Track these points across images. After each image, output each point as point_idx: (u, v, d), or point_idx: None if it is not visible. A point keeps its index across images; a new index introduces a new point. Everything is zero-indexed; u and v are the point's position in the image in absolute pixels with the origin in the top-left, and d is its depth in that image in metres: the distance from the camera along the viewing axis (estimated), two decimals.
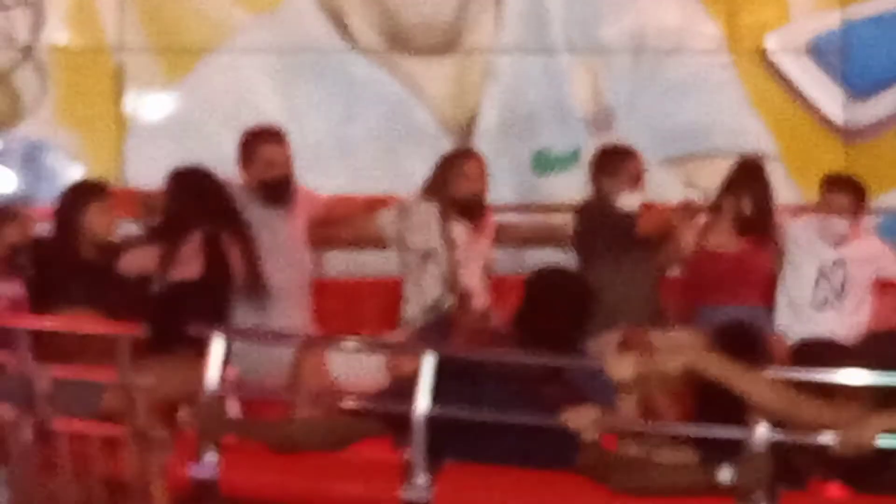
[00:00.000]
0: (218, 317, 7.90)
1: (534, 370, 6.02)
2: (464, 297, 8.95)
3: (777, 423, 5.41)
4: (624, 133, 11.09)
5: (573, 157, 11.18)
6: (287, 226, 8.71)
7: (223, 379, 5.98)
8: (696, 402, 5.81)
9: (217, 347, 5.94)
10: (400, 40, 11.31)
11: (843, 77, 11.51)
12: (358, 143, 11.12)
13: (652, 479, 5.54)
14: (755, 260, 8.91)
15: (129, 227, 8.77)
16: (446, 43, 11.32)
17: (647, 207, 9.00)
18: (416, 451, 5.59)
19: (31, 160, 10.94)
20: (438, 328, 8.74)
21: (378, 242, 9.18)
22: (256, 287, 8.30)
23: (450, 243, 8.88)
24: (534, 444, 5.73)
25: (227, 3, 11.15)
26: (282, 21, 11.23)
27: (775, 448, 5.39)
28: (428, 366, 5.64)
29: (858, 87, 11.51)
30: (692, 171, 11.26)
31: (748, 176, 9.04)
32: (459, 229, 8.90)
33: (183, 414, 6.24)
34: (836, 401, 5.70)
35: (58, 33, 11.02)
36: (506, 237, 9.60)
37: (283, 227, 8.67)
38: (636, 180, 8.91)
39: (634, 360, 5.67)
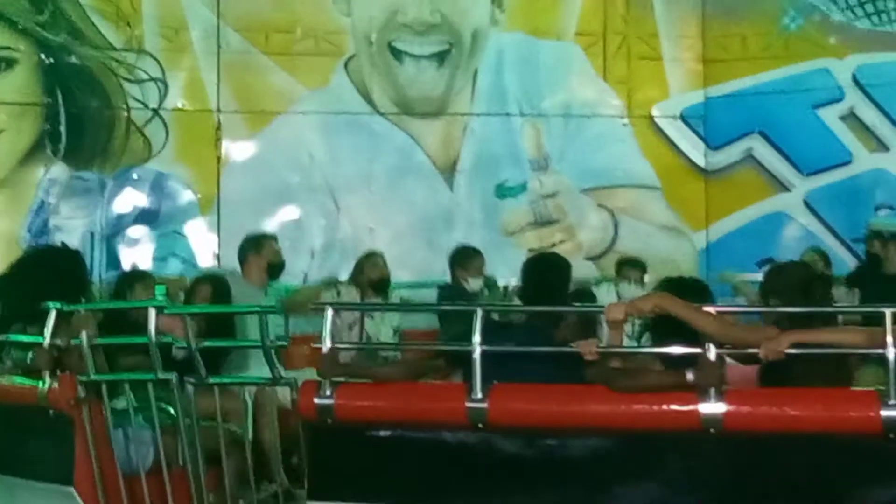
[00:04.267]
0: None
1: (548, 319, 7.04)
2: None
3: (718, 343, 6.14)
4: (557, 171, 13.60)
5: (522, 187, 13.54)
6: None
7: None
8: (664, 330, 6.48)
9: (328, 321, 6.67)
10: (407, 107, 13.48)
11: (704, 135, 13.73)
12: (378, 177, 13.29)
13: (642, 381, 6.25)
14: None
15: None
16: (438, 109, 13.52)
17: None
18: (474, 376, 6.32)
19: (157, 186, 12.92)
20: None
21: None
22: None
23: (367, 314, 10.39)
24: (554, 366, 6.51)
25: (292, 81, 13.20)
26: (328, 94, 13.35)
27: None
28: (478, 318, 6.40)
29: (714, 142, 13.71)
30: (603, 198, 13.59)
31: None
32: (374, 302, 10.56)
33: None
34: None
35: (176, 100, 12.99)
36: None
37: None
38: (479, 272, 10.79)
39: (621, 305, 6.55)
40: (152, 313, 7.18)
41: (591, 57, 13.86)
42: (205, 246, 13.05)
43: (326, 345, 6.66)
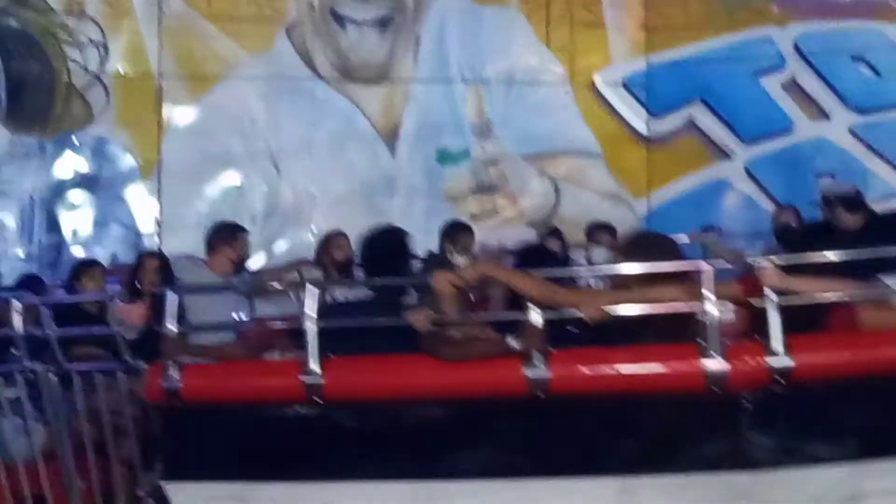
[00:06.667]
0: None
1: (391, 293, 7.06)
2: None
3: (544, 307, 6.26)
4: (498, 138, 13.57)
5: (464, 154, 13.55)
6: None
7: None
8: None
9: (171, 303, 6.74)
10: (349, 73, 13.43)
11: (646, 103, 13.70)
12: (320, 143, 13.25)
13: (466, 350, 6.39)
14: None
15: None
16: (380, 75, 13.49)
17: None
18: (309, 350, 6.45)
19: (98, 151, 12.91)
20: None
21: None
22: None
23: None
24: (387, 337, 6.56)
25: (233, 46, 13.12)
26: (270, 59, 13.32)
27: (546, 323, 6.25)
28: (313, 297, 6.52)
29: (656, 110, 13.70)
30: (545, 164, 13.59)
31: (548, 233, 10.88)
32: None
33: None
34: (580, 286, 7.09)
35: (117, 64, 12.97)
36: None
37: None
38: (467, 249, 10.52)
39: (448, 274, 6.61)
40: (16, 305, 7.36)
41: (534, 24, 13.78)
42: (146, 211, 13.06)
43: (171, 328, 6.72)
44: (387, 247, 7.39)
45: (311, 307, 6.52)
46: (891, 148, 13.35)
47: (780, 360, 6.18)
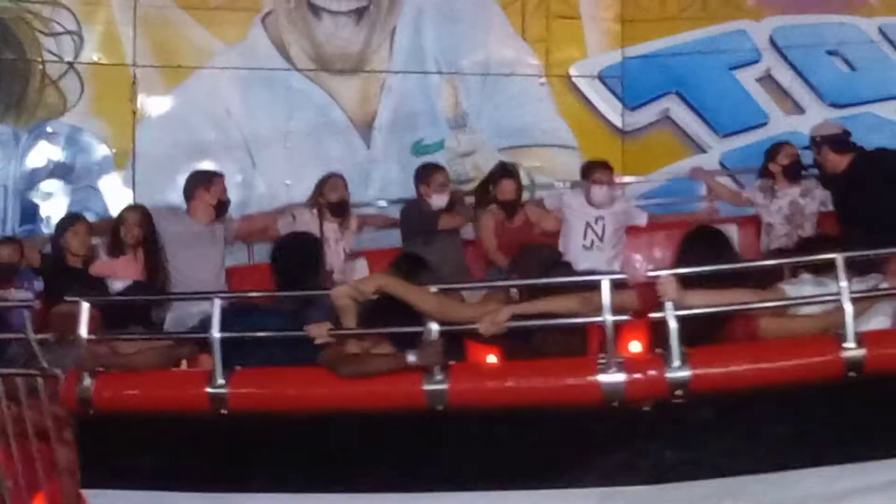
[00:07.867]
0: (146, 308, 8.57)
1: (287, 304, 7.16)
2: (328, 273, 9.97)
3: (441, 322, 6.37)
4: (474, 130, 13.54)
5: (439, 145, 13.52)
6: (216, 235, 10.29)
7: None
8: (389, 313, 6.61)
9: (84, 315, 6.83)
10: (324, 63, 13.43)
11: (621, 95, 13.69)
12: (295, 134, 13.24)
13: (364, 366, 6.45)
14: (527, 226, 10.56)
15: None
16: (355, 66, 13.49)
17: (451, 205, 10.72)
18: (214, 361, 6.61)
19: (72, 141, 12.90)
20: None
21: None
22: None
23: (323, 238, 10.15)
24: (289, 351, 6.74)
25: (209, 36, 13.11)
26: (245, 49, 13.29)
27: (445, 336, 6.37)
28: (216, 307, 6.63)
29: (631, 102, 13.69)
30: (520, 157, 13.38)
31: (500, 174, 10.92)
32: (331, 227, 10.55)
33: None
34: (483, 299, 7.11)
35: (92, 53, 12.91)
36: (364, 224, 11.16)
37: (215, 236, 10.26)
38: (443, 187, 10.79)
39: (346, 288, 6.73)
40: None
41: (510, 15, 13.78)
42: (119, 201, 12.84)
43: (83, 337, 6.79)
44: (296, 254, 7.42)
45: (216, 317, 6.55)
46: (865, 142, 12.93)
47: (678, 372, 6.18)
